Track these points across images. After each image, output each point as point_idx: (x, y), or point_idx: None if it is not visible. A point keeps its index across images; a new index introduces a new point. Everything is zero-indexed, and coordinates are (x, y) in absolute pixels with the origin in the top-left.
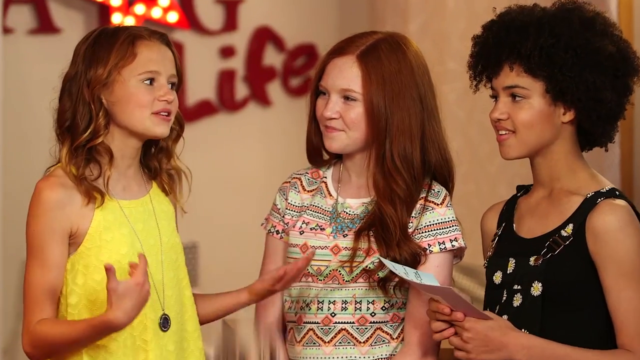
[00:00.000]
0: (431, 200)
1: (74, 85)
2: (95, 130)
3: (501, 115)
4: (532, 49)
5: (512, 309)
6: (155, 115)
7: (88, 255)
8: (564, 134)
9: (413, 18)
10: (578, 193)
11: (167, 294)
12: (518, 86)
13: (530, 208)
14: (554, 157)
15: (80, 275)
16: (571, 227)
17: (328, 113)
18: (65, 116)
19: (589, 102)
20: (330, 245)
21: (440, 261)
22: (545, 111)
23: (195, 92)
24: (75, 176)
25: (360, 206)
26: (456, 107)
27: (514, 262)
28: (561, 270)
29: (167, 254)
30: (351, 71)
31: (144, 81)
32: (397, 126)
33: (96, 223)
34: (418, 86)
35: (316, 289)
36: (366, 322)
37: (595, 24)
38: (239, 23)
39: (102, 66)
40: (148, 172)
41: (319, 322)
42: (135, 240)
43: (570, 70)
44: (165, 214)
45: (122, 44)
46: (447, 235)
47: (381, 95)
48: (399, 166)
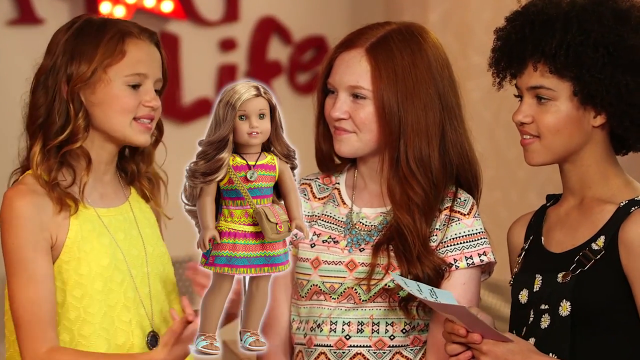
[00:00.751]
0: (457, 210)
1: (50, 79)
2: (73, 132)
3: (525, 118)
4: (557, 47)
5: (540, 331)
6: (136, 122)
7: (67, 270)
8: (595, 138)
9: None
10: (611, 201)
11: (155, 308)
12: (543, 87)
13: (560, 219)
14: (584, 163)
15: (58, 292)
16: (603, 240)
17: (336, 113)
18: (38, 112)
19: (621, 107)
20: (345, 261)
21: (467, 278)
22: (573, 115)
23: (193, 90)
24: (47, 181)
25: (378, 216)
26: (481, 106)
27: (540, 279)
28: (592, 287)
29: (153, 265)
30: (360, 66)
31: (130, 84)
32: (412, 126)
33: (73, 233)
34: (436, 82)
35: (329, 309)
36: (384, 346)
37: (631, 17)
38: (240, 13)
39: (86, 62)
40: (125, 177)
41: (332, 345)
42: (116, 250)
43: (600, 72)
44: (148, 222)
45: (111, 40)
46: (475, 249)
47: (393, 92)
48: (414, 170)
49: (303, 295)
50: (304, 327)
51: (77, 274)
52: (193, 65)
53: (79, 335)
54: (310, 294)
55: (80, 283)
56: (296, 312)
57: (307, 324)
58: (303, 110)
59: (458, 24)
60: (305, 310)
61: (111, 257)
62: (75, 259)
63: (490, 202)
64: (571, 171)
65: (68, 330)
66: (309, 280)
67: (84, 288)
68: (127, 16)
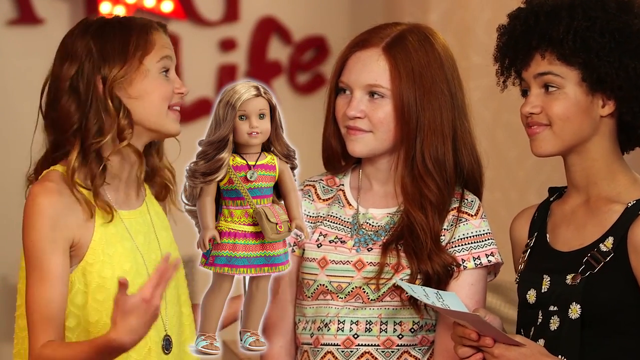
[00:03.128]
0: (465, 211)
1: (81, 84)
2: (119, 131)
3: (533, 108)
4: (565, 33)
5: (550, 333)
6: (171, 110)
7: (90, 272)
8: (603, 129)
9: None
10: (618, 201)
11: (170, 312)
12: (551, 73)
13: (566, 216)
14: (591, 156)
15: (80, 294)
16: (611, 241)
17: (352, 112)
18: (71, 119)
19: (631, 91)
20: (353, 260)
21: (475, 279)
22: (582, 102)
23: (193, 90)
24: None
25: (384, 217)
26: (481, 106)
27: (549, 280)
28: (602, 290)
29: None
30: (378, 65)
31: (162, 72)
32: (429, 125)
33: (98, 236)
34: (448, 81)
35: (336, 308)
36: (392, 345)
37: (633, 6)
38: (240, 13)
39: (121, 59)
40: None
41: (339, 344)
42: (137, 254)
43: (608, 56)
44: (162, 224)
45: (140, 33)
46: (483, 249)
47: (412, 90)
48: (430, 169)
49: (309, 295)
50: (310, 327)
51: (100, 277)
52: (193, 65)
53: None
54: (317, 294)
55: (103, 286)
56: (301, 313)
57: (314, 324)
58: (303, 110)
59: (458, 24)
60: (312, 310)
61: (132, 261)
62: (99, 262)
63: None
64: (577, 165)
65: (87, 333)
66: (315, 280)
67: (107, 292)
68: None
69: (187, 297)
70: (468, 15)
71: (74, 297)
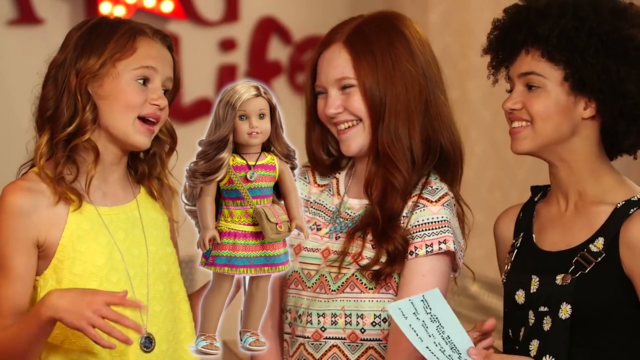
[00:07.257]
0: (425, 197)
1: (60, 72)
2: (81, 124)
3: (515, 104)
4: (550, 29)
5: (544, 333)
6: (140, 122)
7: (61, 269)
8: (585, 132)
9: (433, 7)
10: (606, 202)
11: (154, 309)
12: (534, 73)
13: (552, 218)
14: (573, 157)
15: None
16: (602, 242)
17: (331, 110)
18: (47, 104)
19: (611, 95)
20: (321, 248)
21: (428, 268)
22: (562, 102)
23: (193, 90)
24: (51, 177)
25: (361, 207)
26: (481, 107)
27: (537, 281)
28: (593, 290)
29: (156, 265)
30: (341, 58)
31: (138, 79)
32: (392, 106)
33: (68, 232)
34: (415, 55)
35: (307, 299)
36: (357, 339)
37: (627, 13)
38: (240, 13)
39: (96, 55)
40: (134, 175)
41: (309, 337)
42: (114, 250)
43: (592, 57)
44: (154, 222)
45: (123, 36)
46: (437, 236)
47: (374, 75)
48: (393, 151)
49: (288, 283)
50: (288, 316)
51: (71, 274)
52: (193, 65)
53: (72, 334)
54: (291, 281)
55: (75, 283)
56: (285, 302)
57: (291, 314)
58: (303, 110)
59: (458, 24)
60: (292, 300)
61: (107, 257)
62: (69, 259)
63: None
64: (559, 166)
65: (62, 329)
66: (291, 267)
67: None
68: (127, 16)
69: (185, 295)
70: (468, 15)
71: None
